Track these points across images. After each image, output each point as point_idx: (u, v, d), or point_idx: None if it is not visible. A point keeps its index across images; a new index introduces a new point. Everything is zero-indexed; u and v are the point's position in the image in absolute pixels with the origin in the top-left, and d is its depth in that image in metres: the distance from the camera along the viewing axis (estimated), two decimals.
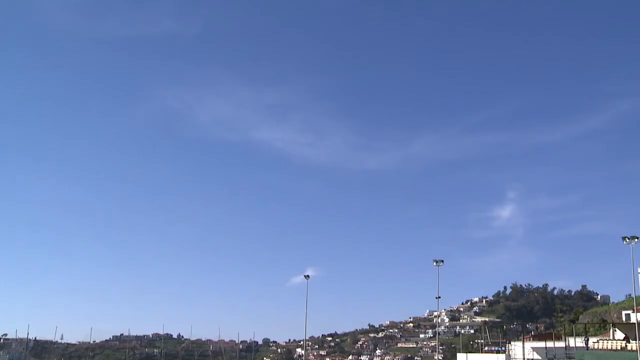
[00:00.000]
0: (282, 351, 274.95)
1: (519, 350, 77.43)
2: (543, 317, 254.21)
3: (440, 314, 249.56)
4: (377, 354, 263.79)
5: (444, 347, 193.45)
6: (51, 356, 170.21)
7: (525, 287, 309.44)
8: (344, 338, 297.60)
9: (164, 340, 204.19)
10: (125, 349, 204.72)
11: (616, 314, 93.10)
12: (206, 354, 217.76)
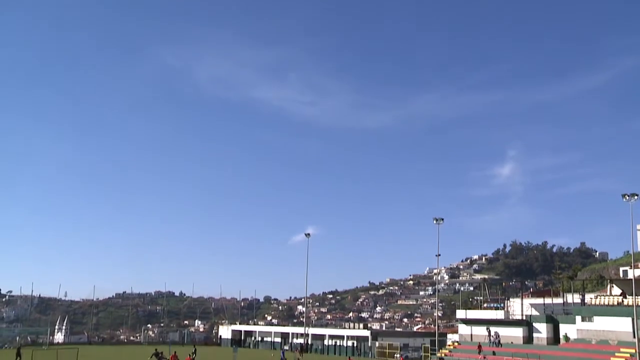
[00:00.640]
0: (283, 308, 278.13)
1: (517, 307, 77.92)
2: (542, 275, 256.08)
3: (440, 271, 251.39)
4: (377, 311, 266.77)
5: (443, 304, 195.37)
6: (55, 313, 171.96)
7: (525, 244, 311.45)
8: (344, 295, 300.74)
9: (166, 298, 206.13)
10: (128, 306, 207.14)
11: (614, 270, 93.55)
12: (208, 311, 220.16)
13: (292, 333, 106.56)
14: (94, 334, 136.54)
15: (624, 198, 60.90)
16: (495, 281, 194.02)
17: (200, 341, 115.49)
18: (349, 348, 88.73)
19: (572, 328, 68.98)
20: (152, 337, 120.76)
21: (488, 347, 73.32)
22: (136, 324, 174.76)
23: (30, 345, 76.83)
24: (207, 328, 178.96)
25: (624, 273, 77.47)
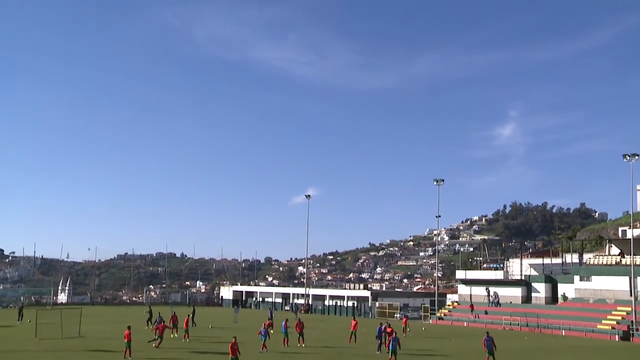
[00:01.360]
0: (284, 269, 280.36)
1: (516, 267, 78.40)
2: (541, 235, 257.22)
3: (440, 232, 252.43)
4: (377, 271, 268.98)
5: (443, 265, 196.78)
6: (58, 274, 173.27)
7: (525, 205, 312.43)
8: (345, 256, 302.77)
9: (167, 259, 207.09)
10: (129, 267, 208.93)
11: (613, 230, 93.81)
12: (209, 273, 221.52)
13: (292, 294, 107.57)
14: (96, 294, 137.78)
15: (625, 158, 60.70)
16: (494, 242, 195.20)
17: (201, 302, 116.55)
18: (349, 308, 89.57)
19: (570, 288, 69.52)
20: (154, 298, 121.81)
21: (486, 307, 74.12)
22: (138, 285, 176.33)
23: (34, 305, 77.66)
24: (208, 289, 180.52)
25: (623, 233, 77.67)
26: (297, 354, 36.40)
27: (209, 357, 34.77)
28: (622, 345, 52.28)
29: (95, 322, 56.34)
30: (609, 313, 61.59)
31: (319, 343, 43.78)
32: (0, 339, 43.36)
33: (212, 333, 50.45)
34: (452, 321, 72.52)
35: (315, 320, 70.96)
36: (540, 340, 53.28)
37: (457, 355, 38.93)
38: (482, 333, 45.04)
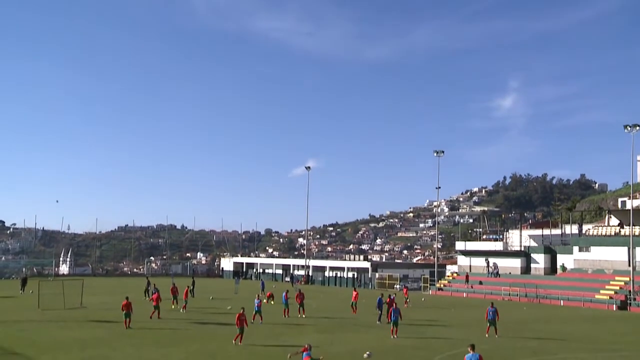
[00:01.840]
0: (284, 241, 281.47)
1: (516, 238, 78.61)
2: (541, 206, 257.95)
3: (440, 203, 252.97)
4: (377, 243, 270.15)
5: (443, 236, 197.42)
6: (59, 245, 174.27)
7: (525, 177, 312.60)
8: (345, 228, 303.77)
9: (168, 231, 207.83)
10: (130, 239, 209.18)
11: (612, 201, 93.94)
12: (210, 244, 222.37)
13: (292, 265, 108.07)
14: (97, 266, 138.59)
15: (626, 129, 60.48)
16: (494, 213, 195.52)
17: (202, 273, 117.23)
18: (349, 280, 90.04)
19: (569, 258, 69.83)
20: (155, 270, 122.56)
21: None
22: (139, 256, 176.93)
23: (36, 277, 78.08)
24: (209, 260, 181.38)
25: (623, 204, 77.79)
26: (298, 325, 36.66)
27: (210, 327, 35.00)
28: (620, 314, 52.69)
29: (96, 293, 56.70)
30: (607, 283, 61.94)
31: (319, 314, 44.09)
32: (4, 310, 43.70)
33: (213, 304, 50.77)
34: (451, 292, 72.96)
35: (315, 291, 71.39)
36: (539, 310, 53.69)
37: (457, 325, 39.23)
38: (482, 304, 45.28)
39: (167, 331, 32.73)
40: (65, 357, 24.17)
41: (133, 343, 28.08)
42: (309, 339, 30.19)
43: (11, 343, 27.64)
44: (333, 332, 33.74)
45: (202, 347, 27.35)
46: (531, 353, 27.62)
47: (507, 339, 31.36)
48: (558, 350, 28.90)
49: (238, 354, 25.36)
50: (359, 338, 31.48)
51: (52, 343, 27.82)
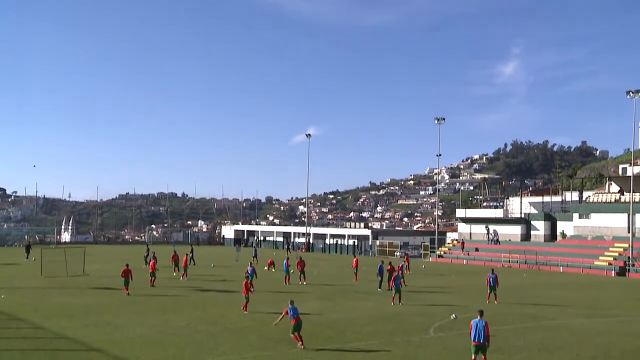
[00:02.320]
0: (284, 209, 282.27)
1: (516, 205, 78.79)
2: (542, 174, 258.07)
3: (440, 171, 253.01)
4: (378, 210, 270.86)
5: (443, 204, 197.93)
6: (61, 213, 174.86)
7: (526, 144, 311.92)
8: (345, 195, 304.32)
9: (169, 199, 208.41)
10: (131, 207, 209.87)
11: (613, 168, 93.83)
12: (210, 212, 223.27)
13: (293, 233, 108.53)
14: (99, 233, 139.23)
15: (628, 95, 60.14)
16: (495, 180, 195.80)
17: (203, 241, 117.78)
18: (350, 247, 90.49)
19: (569, 225, 70.09)
20: (157, 237, 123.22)
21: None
22: (140, 224, 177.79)
23: (38, 244, 78.54)
24: (210, 228, 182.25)
25: (623, 170, 77.74)
26: (299, 293, 36.90)
27: (211, 294, 35.25)
28: (618, 280, 53.07)
29: (98, 261, 57.04)
30: (607, 250, 62.25)
31: (320, 281, 44.38)
32: (7, 277, 44.00)
33: (214, 271, 51.09)
34: (451, 259, 73.38)
35: (316, 258, 71.77)
36: (538, 276, 54.04)
37: (457, 291, 39.52)
38: (482, 271, 45.53)
39: (169, 298, 32.99)
40: (69, 323, 24.40)
41: (135, 310, 28.32)
42: (310, 306, 30.45)
43: (15, 309, 27.89)
44: (334, 299, 34.01)
45: (204, 313, 27.59)
46: (530, 318, 27.87)
47: (506, 305, 31.61)
48: (556, 315, 29.16)
49: (239, 320, 25.60)
50: (360, 305, 31.73)
51: (55, 309, 28.07)
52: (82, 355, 18.71)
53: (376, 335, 22.89)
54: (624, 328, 26.08)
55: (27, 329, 23.18)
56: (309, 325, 24.96)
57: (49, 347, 19.75)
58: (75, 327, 23.58)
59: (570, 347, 21.45)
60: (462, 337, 22.66)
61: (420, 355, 19.59)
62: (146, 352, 19.15)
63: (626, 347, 21.82)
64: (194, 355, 18.86)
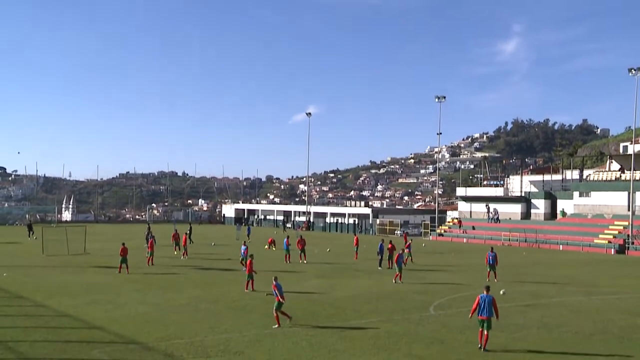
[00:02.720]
0: (285, 187, 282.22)
1: (516, 184, 78.84)
2: (542, 152, 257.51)
3: (441, 149, 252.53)
4: (378, 189, 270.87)
5: (443, 182, 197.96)
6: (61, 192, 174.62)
7: (526, 122, 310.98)
8: (345, 174, 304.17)
9: (169, 178, 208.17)
10: (132, 186, 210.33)
11: (614, 146, 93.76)
12: (211, 191, 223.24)
13: (294, 211, 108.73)
14: (100, 212, 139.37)
15: (630, 72, 59.82)
16: (495, 159, 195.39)
17: (204, 220, 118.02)
18: (351, 226, 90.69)
19: (570, 203, 70.16)
20: (157, 216, 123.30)
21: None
22: (141, 203, 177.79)
23: (39, 223, 78.72)
24: (210, 207, 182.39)
25: (624, 148, 77.69)
26: (299, 272, 37.08)
27: (212, 273, 35.39)
28: (617, 258, 53.24)
29: (99, 240, 57.23)
30: (607, 228, 62.40)
31: (320, 259, 44.54)
32: (9, 255, 44.19)
33: (215, 250, 51.27)
34: (452, 237, 73.56)
35: (316, 237, 71.99)
36: (538, 255, 54.20)
37: (457, 270, 39.68)
38: (482, 249, 45.70)
39: (170, 277, 33.14)
40: (71, 301, 24.54)
41: (137, 288, 28.46)
42: (310, 285, 30.60)
43: (17, 287, 28.04)
44: (334, 277, 34.15)
45: (205, 292, 27.73)
46: (530, 296, 28.00)
47: (506, 283, 31.72)
48: (556, 293, 29.30)
49: (240, 299, 25.73)
50: (360, 283, 31.88)
51: (57, 288, 28.21)
52: (84, 333, 18.84)
53: (376, 313, 23.03)
54: (623, 305, 26.23)
55: (29, 307, 23.33)
56: (310, 303, 25.10)
57: (51, 325, 19.88)
58: (76, 305, 23.72)
59: (569, 324, 21.59)
60: (461, 315, 22.80)
61: (420, 332, 19.72)
62: (147, 330, 19.29)
63: (624, 324, 21.95)
64: (195, 333, 18.99)
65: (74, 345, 17.07)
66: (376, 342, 18.19)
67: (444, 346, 17.83)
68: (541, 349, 17.66)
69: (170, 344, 17.50)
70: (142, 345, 17.32)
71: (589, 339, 19.36)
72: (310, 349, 17.18)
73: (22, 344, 17.19)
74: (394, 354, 16.78)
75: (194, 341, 17.88)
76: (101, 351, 16.47)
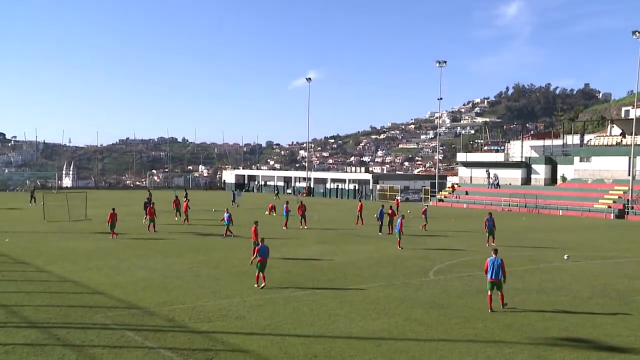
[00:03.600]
0: (285, 153, 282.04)
1: (517, 149, 78.76)
2: (543, 117, 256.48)
3: (441, 115, 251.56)
4: (378, 154, 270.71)
5: (444, 148, 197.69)
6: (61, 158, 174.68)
7: (528, 87, 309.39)
8: (346, 140, 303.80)
9: (169, 144, 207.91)
10: (132, 152, 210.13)
11: (616, 110, 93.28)
12: (211, 157, 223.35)
13: (294, 177, 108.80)
14: (100, 178, 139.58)
15: (634, 35, 59.20)
16: (496, 124, 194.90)
17: (204, 185, 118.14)
18: (351, 191, 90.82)
19: (570, 169, 70.21)
20: (158, 182, 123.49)
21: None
22: (141, 169, 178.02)
23: (40, 189, 78.77)
24: (210, 173, 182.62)
25: (626, 113, 77.37)
26: (300, 238, 37.24)
27: (213, 239, 35.51)
28: (617, 223, 53.44)
29: (100, 206, 57.30)
30: (607, 193, 62.51)
31: (320, 225, 44.69)
32: (11, 221, 44.35)
33: (216, 216, 51.38)
34: (452, 203, 73.74)
35: (316, 203, 72.14)
36: (537, 220, 54.40)
37: (457, 235, 39.83)
38: (482, 214, 45.90)
39: (172, 243, 33.28)
40: (73, 267, 24.69)
41: (138, 254, 28.61)
42: (310, 250, 30.75)
43: (20, 253, 28.19)
44: (334, 243, 34.29)
45: (206, 257, 27.88)
46: (528, 261, 28.16)
47: (505, 248, 31.88)
48: (554, 258, 29.45)
49: (241, 264, 25.87)
50: (360, 249, 32.03)
51: (59, 253, 28.36)
52: (87, 298, 19.00)
53: (377, 278, 23.18)
54: (621, 269, 26.39)
55: (32, 272, 23.49)
56: (310, 268, 25.25)
57: (53, 290, 20.03)
58: (78, 270, 23.88)
59: (568, 288, 21.74)
60: (461, 280, 22.98)
61: (420, 297, 19.87)
62: (149, 295, 19.43)
63: (622, 287, 22.11)
64: (196, 298, 19.14)
65: (77, 310, 17.22)
66: (376, 306, 18.34)
67: (443, 310, 17.99)
68: (540, 311, 17.82)
69: (172, 308, 17.66)
70: (144, 310, 17.47)
71: (587, 302, 19.52)
72: (311, 313, 17.34)
73: (26, 308, 17.35)
74: (394, 318, 16.93)
75: (195, 306, 18.04)
76: (104, 316, 16.63)
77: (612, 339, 15.15)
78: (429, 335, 15.28)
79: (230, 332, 15.17)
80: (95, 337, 14.50)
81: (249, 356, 13.26)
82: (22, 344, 13.88)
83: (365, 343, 14.40)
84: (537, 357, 13.51)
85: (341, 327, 15.88)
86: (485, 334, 15.41)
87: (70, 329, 15.19)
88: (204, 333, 15.05)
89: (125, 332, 14.95)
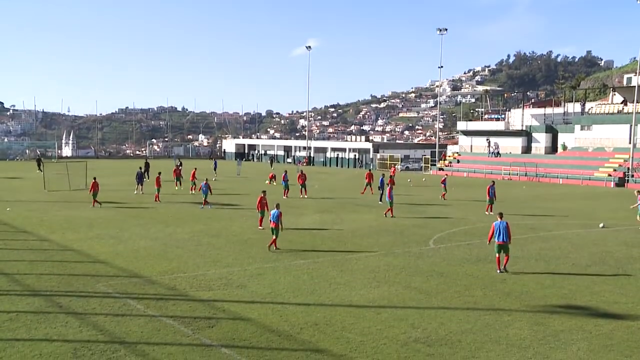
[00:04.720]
0: (285, 122, 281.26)
1: (518, 118, 78.49)
2: (545, 85, 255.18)
3: (442, 83, 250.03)
4: (379, 123, 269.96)
5: (444, 116, 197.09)
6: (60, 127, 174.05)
7: (529, 55, 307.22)
8: (346, 109, 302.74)
9: (169, 113, 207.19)
10: (131, 121, 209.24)
11: (618, 78, 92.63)
12: (211, 126, 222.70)
13: (294, 146, 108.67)
14: (100, 148, 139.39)
15: (638, 0, 58.51)
16: (497, 92, 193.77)
17: (204, 155, 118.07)
18: (351, 160, 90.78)
19: (571, 137, 70.06)
20: (157, 152, 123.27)
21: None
22: (141, 138, 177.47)
23: None
24: (210, 142, 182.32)
25: (628, 80, 76.88)
26: (300, 207, 37.33)
27: (213, 208, 35.57)
28: (616, 191, 53.51)
29: (100, 175, 57.06)
30: (607, 161, 62.50)
31: (321, 194, 44.77)
32: (11, 190, 44.42)
33: (216, 185, 51.42)
34: (452, 172, 73.74)
35: (317, 172, 72.18)
36: (537, 188, 54.47)
37: (457, 204, 39.90)
38: (482, 183, 45.93)
39: (173, 212, 33.37)
40: (74, 235, 24.79)
41: (139, 223, 28.69)
42: (311, 219, 30.85)
43: (21, 222, 28.29)
44: (335, 212, 34.37)
45: (207, 226, 27.98)
46: (528, 230, 28.26)
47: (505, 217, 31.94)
48: (554, 227, 29.57)
49: (242, 233, 25.98)
50: (361, 218, 32.11)
51: (60, 222, 28.46)
52: (88, 267, 19.12)
53: (377, 246, 23.30)
54: (620, 237, 26.50)
55: (34, 241, 23.60)
56: (311, 237, 25.36)
57: (55, 259, 20.15)
58: (80, 239, 23.99)
59: (567, 256, 21.87)
60: (460, 248, 23.10)
61: (420, 265, 19.99)
62: (151, 264, 19.55)
63: (620, 255, 22.24)
64: (197, 267, 19.26)
65: (79, 279, 17.34)
66: (376, 275, 18.47)
67: (443, 278, 18.11)
68: (539, 279, 17.96)
69: (173, 277, 17.78)
70: (145, 278, 17.59)
71: (586, 269, 19.66)
72: (312, 282, 17.46)
73: (29, 277, 17.48)
74: (394, 286, 17.06)
75: (196, 275, 18.16)
76: (105, 284, 16.75)
77: (610, 306, 15.30)
78: (428, 303, 15.42)
79: (231, 301, 15.31)
80: (98, 305, 14.64)
81: (250, 324, 13.39)
82: (26, 311, 14.02)
83: (366, 311, 14.54)
84: (535, 324, 13.66)
85: (341, 295, 16.01)
86: (485, 302, 15.54)
87: (73, 297, 15.33)
88: (205, 301, 15.19)
89: (127, 301, 15.08)
